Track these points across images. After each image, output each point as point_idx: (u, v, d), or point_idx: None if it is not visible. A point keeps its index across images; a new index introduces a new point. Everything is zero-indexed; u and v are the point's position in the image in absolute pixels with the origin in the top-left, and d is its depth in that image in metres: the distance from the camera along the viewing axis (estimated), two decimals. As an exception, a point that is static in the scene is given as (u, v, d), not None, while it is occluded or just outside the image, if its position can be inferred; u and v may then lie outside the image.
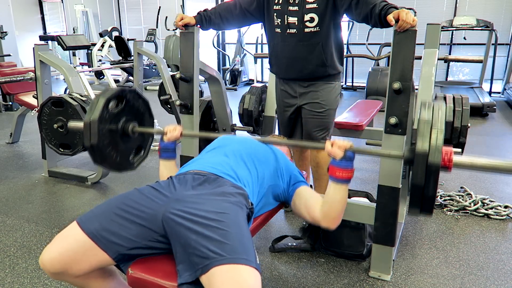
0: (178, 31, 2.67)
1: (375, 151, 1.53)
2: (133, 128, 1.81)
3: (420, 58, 2.14)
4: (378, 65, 6.47)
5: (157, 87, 4.62)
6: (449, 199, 2.72)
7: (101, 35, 8.07)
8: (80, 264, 1.21)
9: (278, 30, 2.12)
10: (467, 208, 2.60)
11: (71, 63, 7.42)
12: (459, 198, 2.71)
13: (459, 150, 2.22)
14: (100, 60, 7.91)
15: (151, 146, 3.93)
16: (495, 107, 5.28)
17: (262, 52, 7.57)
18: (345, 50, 2.48)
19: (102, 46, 7.85)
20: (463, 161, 1.25)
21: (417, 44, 1.62)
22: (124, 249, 1.22)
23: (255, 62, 7.48)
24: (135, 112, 1.88)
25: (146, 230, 1.23)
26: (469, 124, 2.36)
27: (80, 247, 1.20)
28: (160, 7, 8.09)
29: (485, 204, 2.63)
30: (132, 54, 5.22)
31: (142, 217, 1.25)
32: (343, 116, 3.28)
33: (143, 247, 1.24)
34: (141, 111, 1.92)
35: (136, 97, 1.87)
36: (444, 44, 7.22)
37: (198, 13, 2.19)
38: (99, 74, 8.29)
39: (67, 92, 4.43)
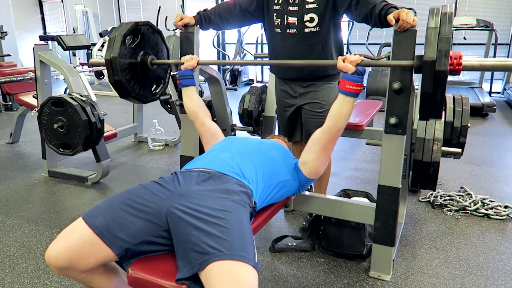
0: (178, 31, 2.67)
1: (385, 62, 1.57)
2: (151, 61, 1.94)
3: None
4: (378, 65, 6.46)
5: (157, 87, 4.61)
6: (449, 199, 2.72)
7: (101, 35, 8.08)
8: (86, 259, 1.21)
9: (278, 30, 2.12)
10: (467, 208, 2.60)
11: (71, 63, 7.42)
12: (459, 198, 2.71)
13: (459, 150, 2.22)
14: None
15: (152, 146, 3.92)
16: (495, 107, 5.28)
17: (262, 52, 7.57)
18: (345, 50, 2.47)
19: (102, 46, 7.85)
20: (472, 63, 1.26)
21: (417, 44, 1.62)
22: (128, 245, 1.22)
23: (255, 62, 7.48)
24: (152, 45, 2.01)
25: (151, 224, 1.24)
26: (469, 124, 2.36)
27: (86, 242, 1.21)
28: (160, 7, 8.09)
29: (485, 204, 2.63)
30: (132, 54, 5.21)
31: (147, 211, 1.26)
32: (343, 116, 3.27)
33: (147, 243, 1.24)
34: (157, 43, 2.05)
35: (150, 30, 1.97)
36: (444, 44, 7.21)
37: (197, 13, 2.19)
38: (99, 74, 8.30)
39: (67, 92, 4.43)
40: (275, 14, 2.10)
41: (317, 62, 2.06)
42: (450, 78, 1.36)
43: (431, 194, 2.77)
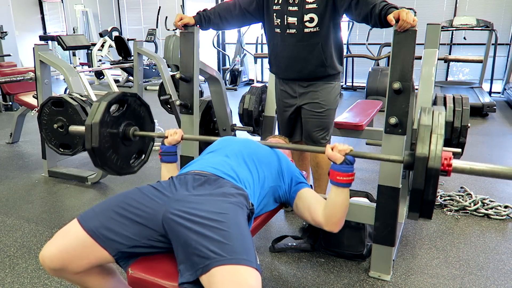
0: (178, 31, 2.67)
1: (375, 155, 1.53)
2: (134, 132, 1.82)
3: (420, 58, 2.14)
4: (378, 65, 6.47)
5: (157, 87, 4.62)
6: (449, 199, 2.72)
7: (101, 35, 8.08)
8: (79, 261, 1.21)
9: (277, 30, 2.12)
10: (467, 208, 2.60)
11: (71, 63, 7.42)
12: (459, 198, 2.71)
13: (459, 150, 2.22)
14: (100, 60, 7.92)
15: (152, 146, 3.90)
16: (495, 107, 5.28)
17: (262, 52, 7.57)
18: (345, 50, 2.48)
19: (102, 46, 7.85)
20: (463, 166, 1.25)
21: (417, 44, 1.62)
22: (124, 247, 1.22)
23: (255, 62, 7.49)
24: (136, 116, 1.90)
25: (146, 229, 1.24)
26: (469, 124, 2.36)
27: (80, 244, 1.21)
28: (160, 7, 8.09)
29: (485, 204, 2.63)
30: (132, 54, 5.22)
31: (142, 216, 1.25)
32: (343, 116, 3.28)
33: (143, 246, 1.24)
34: (142, 115, 1.94)
35: (137, 102, 1.89)
36: (444, 44, 7.22)
37: (197, 13, 2.18)
38: (99, 74, 8.30)
39: (67, 92, 4.43)
40: (275, 14, 2.10)
41: (305, 147, 2.12)
42: (450, 78, 1.36)
43: (431, 194, 2.77)
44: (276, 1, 2.09)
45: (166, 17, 7.49)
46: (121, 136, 1.80)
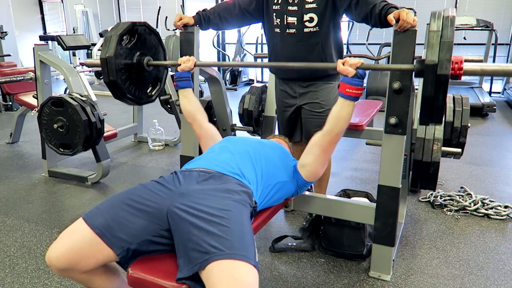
0: (178, 31, 2.67)
1: (385, 66, 1.55)
2: (148, 62, 1.90)
3: (420, 58, 2.14)
4: (378, 65, 6.46)
5: (157, 87, 4.61)
6: (449, 199, 2.72)
7: (101, 35, 8.07)
8: (87, 260, 1.21)
9: (277, 30, 2.12)
10: (467, 208, 2.60)
11: (71, 63, 7.42)
12: (459, 198, 2.71)
13: (459, 150, 2.22)
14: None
15: (151, 146, 3.92)
16: (495, 107, 5.28)
17: (262, 52, 7.57)
18: (345, 50, 2.47)
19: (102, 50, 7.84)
20: (474, 68, 1.24)
21: (417, 44, 1.62)
22: (129, 245, 1.22)
23: (255, 62, 7.48)
24: (148, 46, 1.99)
25: (151, 224, 1.25)
26: (469, 124, 2.36)
27: (86, 243, 1.21)
28: (160, 7, 8.09)
29: (485, 204, 2.63)
30: (132, 54, 5.21)
31: (147, 211, 1.26)
32: (343, 116, 3.27)
33: (148, 242, 1.24)
34: (154, 44, 2.02)
35: (147, 31, 1.94)
36: (444, 44, 7.21)
37: (197, 13, 2.18)
38: (99, 74, 8.29)
39: (67, 92, 4.43)
40: (274, 14, 2.10)
41: (316, 65, 2.06)
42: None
43: (431, 194, 2.77)
44: (275, 1, 2.08)
45: (166, 17, 7.49)
46: (136, 67, 1.86)
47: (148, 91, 2.02)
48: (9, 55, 5.98)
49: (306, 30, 2.05)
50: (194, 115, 1.86)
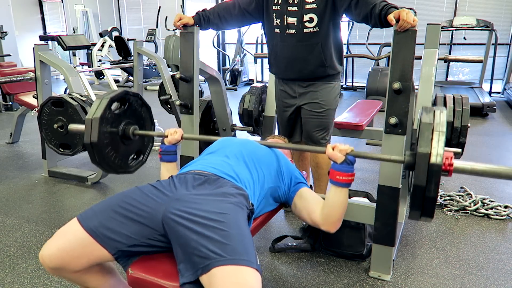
0: (178, 31, 2.67)
1: (376, 155, 1.53)
2: (133, 131, 1.82)
3: (420, 58, 2.14)
4: (378, 65, 6.47)
5: (157, 87, 4.62)
6: (449, 199, 2.72)
7: (101, 35, 8.08)
8: (79, 260, 1.21)
9: (277, 30, 2.12)
10: (467, 208, 2.60)
11: (71, 63, 7.42)
12: (459, 198, 2.71)
13: (459, 150, 2.22)
14: (100, 60, 7.92)
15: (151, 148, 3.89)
16: (495, 107, 5.28)
17: (262, 52, 7.57)
18: (345, 50, 2.47)
19: (102, 46, 7.85)
20: (464, 166, 1.25)
21: (417, 44, 1.62)
22: (123, 246, 1.22)
23: (255, 62, 7.49)
24: (137, 116, 1.90)
25: (146, 228, 1.24)
26: (469, 124, 2.36)
27: (79, 244, 1.21)
28: (160, 7, 8.09)
29: (485, 204, 2.63)
30: (132, 54, 5.22)
31: (142, 215, 1.25)
32: (343, 116, 3.28)
33: (143, 245, 1.24)
34: (143, 116, 1.94)
35: (138, 102, 1.89)
36: (444, 44, 7.22)
37: (196, 13, 2.18)
38: (99, 74, 8.30)
39: (67, 92, 4.43)
40: (274, 14, 2.10)
41: (305, 147, 2.15)
42: (450, 78, 1.36)
43: (431, 194, 2.77)
44: (275, 1, 2.08)
45: (166, 17, 7.49)
46: (120, 134, 1.80)
47: (129, 161, 1.93)
48: (9, 55, 5.99)
49: (306, 30, 2.05)
50: None
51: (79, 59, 8.31)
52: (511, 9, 6.99)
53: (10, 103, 5.81)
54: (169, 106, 4.07)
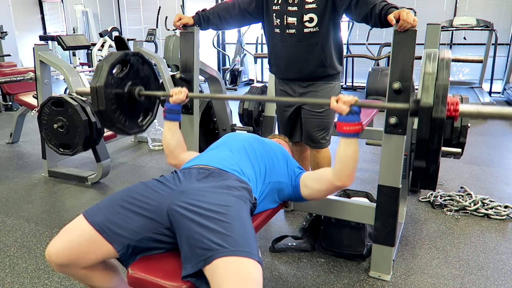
0: (178, 31, 2.67)
1: (381, 104, 1.53)
2: (139, 92, 1.85)
3: (420, 58, 2.14)
4: (378, 65, 6.47)
5: (157, 87, 4.61)
6: (449, 199, 2.72)
7: (101, 35, 8.07)
8: (86, 256, 1.22)
9: (277, 30, 2.12)
10: (467, 208, 2.60)
11: (71, 63, 7.42)
12: (459, 198, 2.71)
13: (459, 150, 2.22)
14: (100, 60, 7.91)
15: (151, 146, 3.92)
16: (495, 107, 5.27)
17: (262, 52, 7.57)
18: (345, 50, 2.47)
19: (102, 46, 7.84)
20: (470, 110, 1.23)
21: (417, 44, 1.62)
22: (129, 241, 1.23)
23: (255, 62, 7.48)
24: (141, 76, 1.93)
25: (151, 221, 1.25)
26: (469, 124, 2.36)
27: (86, 239, 1.21)
28: (160, 7, 8.09)
29: (485, 204, 2.63)
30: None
31: (147, 209, 1.26)
32: (343, 116, 3.27)
33: (148, 239, 1.25)
34: (146, 74, 1.96)
35: (140, 61, 1.90)
36: (444, 44, 7.21)
37: (196, 13, 2.18)
38: (99, 74, 8.27)
39: (67, 92, 4.43)
40: (274, 14, 2.10)
41: (310, 100, 2.12)
42: (450, 78, 1.35)
43: (431, 194, 2.77)
44: (275, 1, 2.08)
45: (166, 17, 7.49)
46: (127, 97, 1.82)
47: (139, 121, 1.97)
48: (9, 55, 5.99)
49: (306, 30, 2.05)
50: (173, 149, 1.78)
51: (79, 59, 8.29)
52: (511, 9, 6.99)
53: (10, 103, 5.81)
54: (169, 106, 4.06)
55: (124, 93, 1.80)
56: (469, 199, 2.69)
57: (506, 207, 2.60)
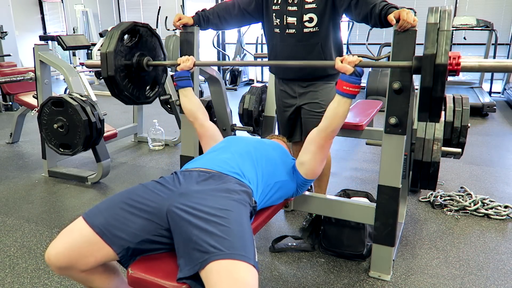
0: (178, 31, 2.67)
1: (383, 63, 1.58)
2: (147, 62, 1.92)
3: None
4: (378, 65, 6.46)
5: (157, 87, 4.61)
6: (449, 199, 2.72)
7: (101, 35, 8.08)
8: (86, 258, 1.21)
9: (277, 30, 2.12)
10: (467, 208, 2.60)
11: (71, 63, 7.42)
12: (459, 198, 2.71)
13: (459, 150, 2.22)
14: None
15: (151, 146, 3.92)
16: (495, 107, 5.28)
17: (262, 52, 7.57)
18: (345, 50, 2.47)
19: (102, 46, 7.84)
20: (471, 64, 1.25)
21: (417, 44, 1.61)
22: (129, 244, 1.23)
23: (255, 62, 7.48)
24: (149, 47, 1.99)
25: (151, 223, 1.25)
26: (469, 124, 2.36)
27: (86, 242, 1.21)
28: (160, 7, 8.09)
29: (485, 204, 2.63)
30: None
31: (147, 210, 1.26)
32: (343, 116, 3.27)
33: (148, 241, 1.25)
34: (154, 46, 2.03)
35: (148, 33, 1.97)
36: (444, 44, 7.21)
37: (196, 13, 2.18)
38: (99, 74, 8.29)
39: (67, 92, 4.43)
40: (274, 14, 2.10)
41: (315, 63, 2.07)
42: (450, 78, 1.36)
43: (431, 194, 2.77)
44: (275, 1, 2.08)
45: (166, 17, 7.49)
46: (135, 66, 1.88)
47: (146, 92, 2.03)
48: (9, 55, 5.98)
49: (305, 30, 2.05)
50: (195, 113, 1.87)
51: (79, 59, 8.29)
52: (511, 9, 6.99)
53: (10, 103, 5.81)
54: (169, 106, 4.07)
55: (132, 62, 1.86)
56: (469, 199, 2.69)
57: (506, 207, 2.60)
